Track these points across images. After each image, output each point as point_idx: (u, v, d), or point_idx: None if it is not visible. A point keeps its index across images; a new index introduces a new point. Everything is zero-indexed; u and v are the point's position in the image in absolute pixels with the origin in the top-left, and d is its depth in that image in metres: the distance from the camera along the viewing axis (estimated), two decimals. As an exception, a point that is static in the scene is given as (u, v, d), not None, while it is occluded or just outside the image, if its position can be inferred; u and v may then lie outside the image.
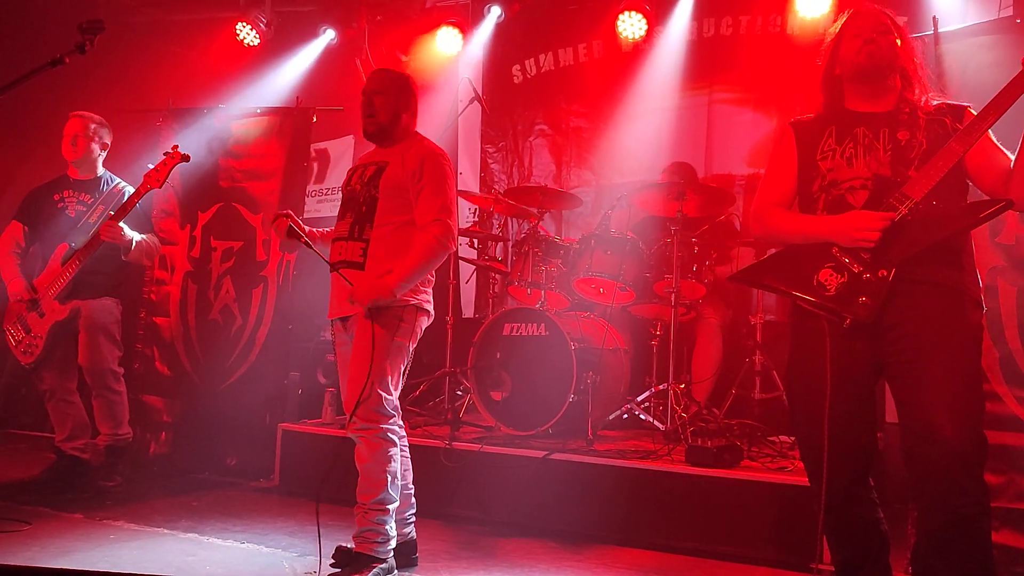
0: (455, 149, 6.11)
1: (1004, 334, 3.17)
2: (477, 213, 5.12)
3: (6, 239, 4.36)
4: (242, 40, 6.04)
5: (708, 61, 5.49)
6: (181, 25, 6.48)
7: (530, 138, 6.13)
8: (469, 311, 6.01)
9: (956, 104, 2.44)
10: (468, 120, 6.13)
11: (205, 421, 4.96)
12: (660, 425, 4.22)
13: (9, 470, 4.63)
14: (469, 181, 6.16)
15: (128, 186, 4.45)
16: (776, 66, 5.16)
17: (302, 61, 6.18)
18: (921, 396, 2.21)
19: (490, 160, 6.24)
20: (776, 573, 3.26)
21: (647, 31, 5.43)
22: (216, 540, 3.45)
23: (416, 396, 4.85)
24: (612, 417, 4.38)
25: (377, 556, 2.91)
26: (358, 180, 3.13)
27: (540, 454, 3.83)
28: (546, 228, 5.04)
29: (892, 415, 2.49)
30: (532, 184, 5.79)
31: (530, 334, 4.25)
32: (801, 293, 2.34)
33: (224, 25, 6.10)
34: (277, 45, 6.17)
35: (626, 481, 3.67)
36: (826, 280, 2.31)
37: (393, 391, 2.99)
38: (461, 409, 4.70)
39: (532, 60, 6.10)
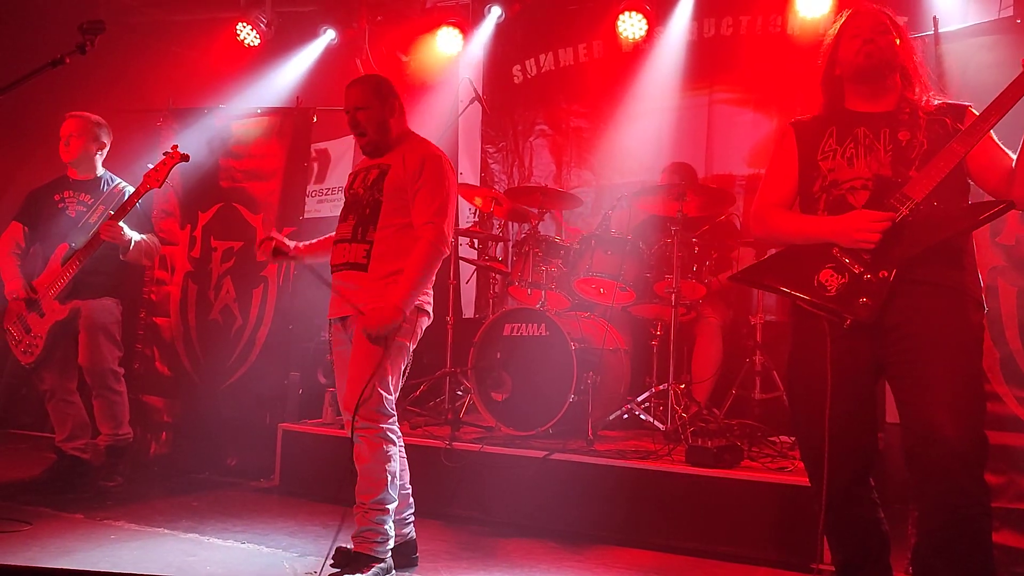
0: (455, 149, 6.10)
1: (1004, 334, 3.18)
2: (477, 213, 5.12)
3: (6, 239, 4.36)
4: (242, 40, 6.05)
5: (708, 61, 5.48)
6: (181, 25, 6.49)
7: (530, 138, 6.13)
8: (469, 311, 6.00)
9: (957, 104, 2.43)
10: (468, 120, 6.13)
11: (205, 421, 4.97)
12: (660, 425, 4.22)
13: (10, 470, 4.63)
14: (469, 181, 6.14)
15: (128, 186, 4.45)
16: (776, 66, 5.16)
17: (302, 61, 6.18)
18: (922, 396, 2.21)
19: (490, 160, 6.24)
20: (777, 573, 3.26)
21: (647, 31, 5.43)
22: (216, 540, 3.46)
23: (416, 396, 4.85)
24: (612, 417, 4.38)
25: (376, 556, 2.91)
26: (361, 184, 3.14)
27: (540, 454, 3.83)
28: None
29: (892, 415, 2.49)
30: (532, 184, 5.79)
31: (530, 334, 4.25)
32: (802, 293, 2.34)
33: (224, 25, 6.10)
34: (277, 45, 6.17)
35: (626, 481, 3.67)
36: (827, 280, 2.31)
37: (393, 391, 3.00)
38: (461, 409, 4.70)
39: (532, 60, 6.10)
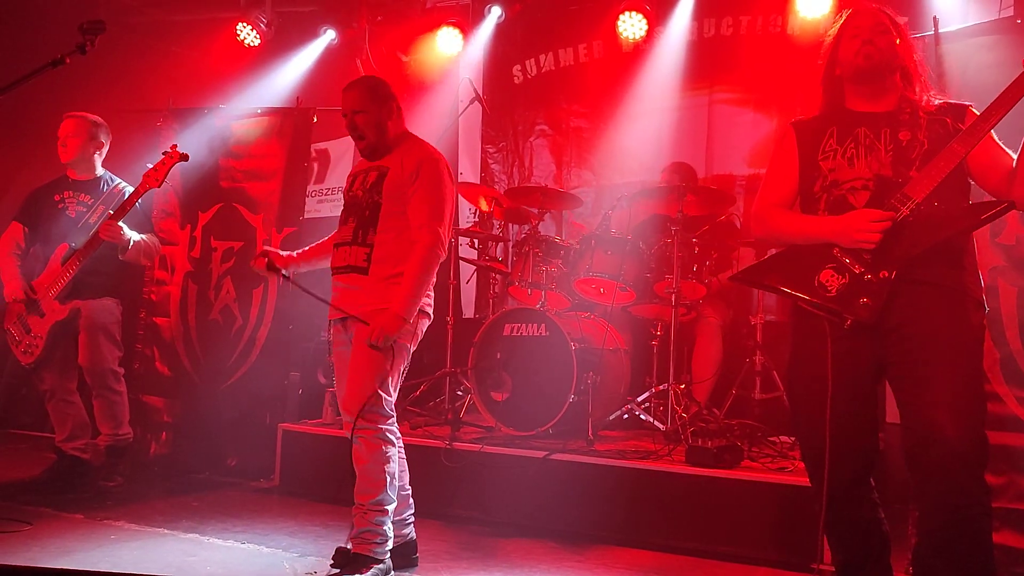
0: (456, 149, 6.11)
1: (1005, 335, 3.17)
2: (477, 213, 5.12)
3: (6, 240, 4.36)
4: (243, 40, 6.05)
5: (708, 61, 5.48)
6: (182, 25, 6.49)
7: (530, 138, 6.13)
8: (469, 311, 6.00)
9: (957, 103, 2.43)
10: (469, 120, 6.13)
11: (205, 421, 4.96)
12: (660, 425, 4.22)
13: (10, 470, 4.63)
14: (470, 181, 6.14)
15: (128, 186, 4.45)
16: (777, 66, 5.16)
17: (303, 61, 6.18)
18: (923, 396, 2.21)
19: (491, 160, 6.24)
20: (777, 573, 3.26)
21: (647, 31, 5.43)
22: (216, 540, 3.45)
23: (416, 396, 4.85)
24: (612, 417, 4.38)
25: (375, 557, 2.91)
26: (360, 186, 3.14)
27: (540, 454, 3.83)
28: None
29: (892, 415, 2.49)
30: (532, 184, 5.79)
31: (530, 334, 4.25)
32: (802, 294, 2.34)
33: (225, 25, 6.10)
34: (278, 45, 6.17)
35: (626, 481, 3.67)
36: (827, 281, 2.31)
37: (393, 392, 3.01)
38: (461, 409, 4.70)
39: (532, 60, 6.09)
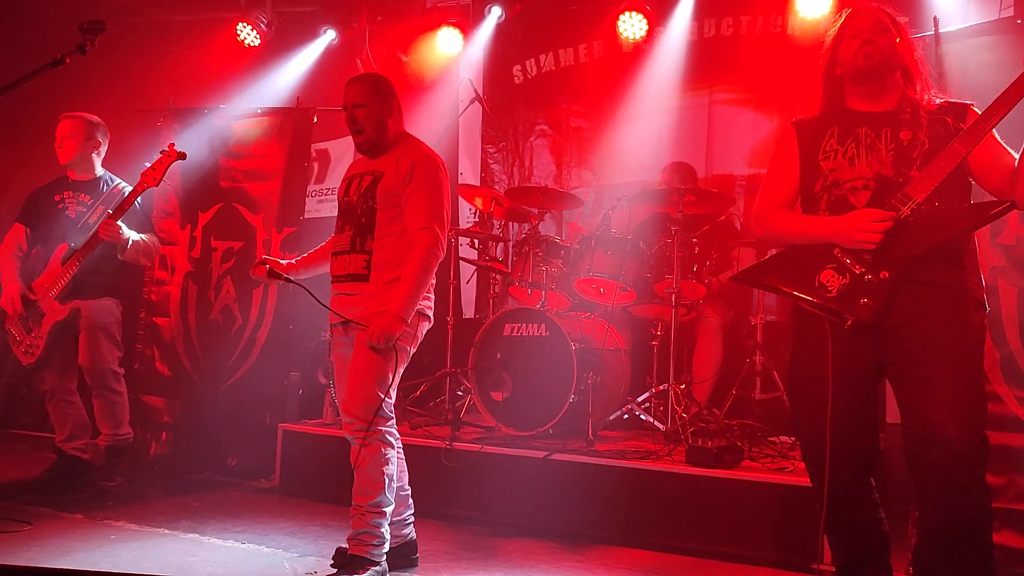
0: (456, 149, 6.11)
1: (1005, 335, 3.17)
2: (477, 214, 5.12)
3: (8, 241, 4.37)
4: (243, 40, 6.05)
5: (709, 61, 5.48)
6: (182, 25, 6.49)
7: (531, 138, 6.13)
8: (470, 311, 6.00)
9: (958, 102, 2.42)
10: (469, 120, 6.13)
11: (206, 421, 4.96)
12: (660, 425, 4.22)
13: (10, 470, 4.63)
14: (470, 181, 6.14)
15: (128, 186, 4.45)
16: (777, 67, 5.16)
17: (303, 61, 6.18)
18: (923, 396, 2.21)
19: (491, 160, 6.24)
20: (777, 573, 3.26)
21: (648, 31, 5.43)
22: (217, 540, 3.45)
23: (417, 397, 4.85)
24: (612, 417, 4.38)
25: (372, 559, 2.90)
26: (355, 191, 3.10)
27: (541, 454, 3.83)
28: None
29: (893, 415, 2.49)
30: (532, 184, 5.79)
31: (531, 334, 4.25)
32: (802, 294, 2.34)
33: (225, 25, 6.10)
34: (278, 45, 6.17)
35: (627, 481, 3.67)
36: (828, 281, 2.30)
37: (392, 394, 3.00)
38: (462, 409, 4.70)
39: (533, 60, 6.10)
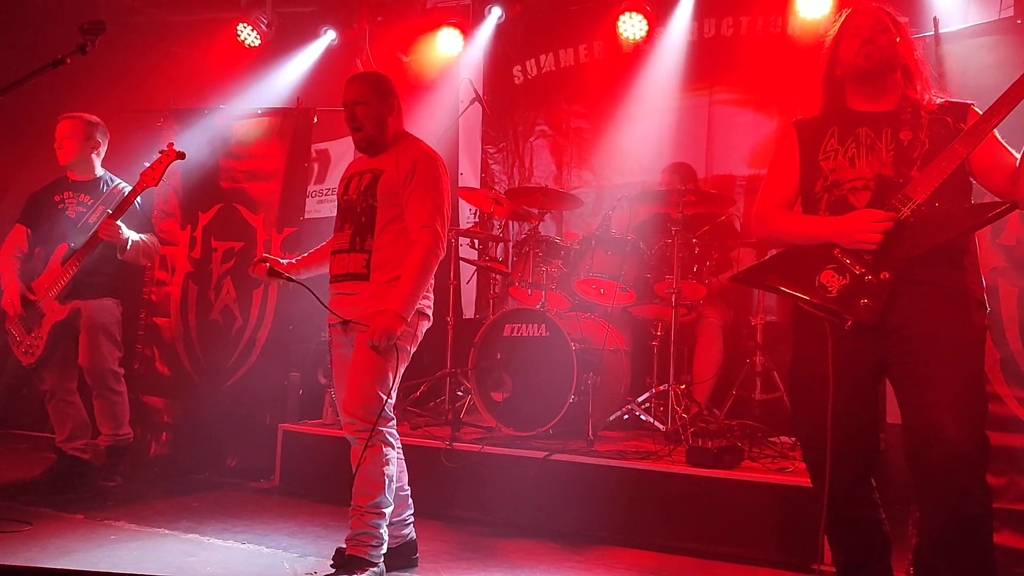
0: (456, 150, 6.11)
1: (1005, 335, 3.17)
2: (478, 214, 5.12)
3: (9, 243, 4.37)
4: (243, 41, 6.05)
5: (709, 62, 5.48)
6: (182, 26, 6.48)
7: (531, 139, 6.13)
8: (470, 312, 6.00)
9: (959, 102, 2.42)
10: (469, 121, 6.13)
11: (206, 422, 4.96)
12: (661, 426, 4.22)
13: (10, 470, 4.63)
14: (470, 182, 6.15)
15: (128, 186, 4.45)
16: (777, 67, 5.16)
17: (303, 62, 6.17)
18: (924, 396, 2.21)
19: (491, 161, 6.24)
20: (777, 574, 3.26)
21: (648, 32, 5.43)
22: (216, 540, 3.45)
23: (417, 397, 4.85)
24: (613, 418, 4.38)
25: (370, 560, 2.90)
26: (355, 189, 3.09)
27: (541, 455, 3.83)
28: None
29: (893, 416, 2.49)
30: (533, 185, 5.79)
31: (531, 335, 4.25)
32: (803, 294, 2.34)
33: (225, 26, 6.10)
34: (278, 46, 6.17)
35: (627, 482, 3.67)
36: (828, 281, 2.30)
37: (393, 394, 3.00)
38: (462, 410, 4.70)
39: (533, 61, 6.10)
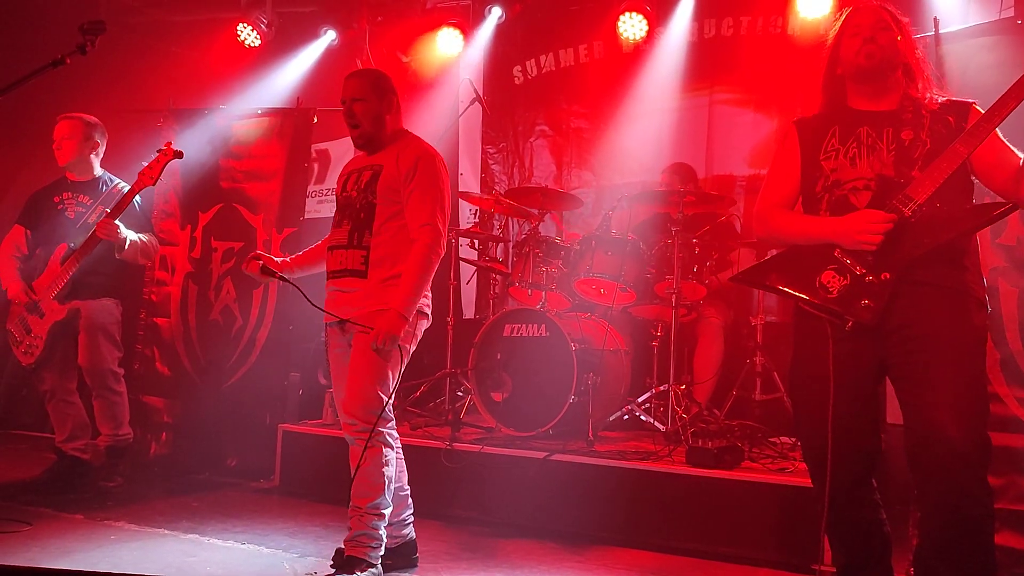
0: (456, 150, 6.11)
1: (1005, 336, 3.17)
2: (478, 214, 5.12)
3: (7, 243, 4.37)
4: (243, 41, 6.05)
5: (709, 62, 5.48)
6: (182, 26, 6.48)
7: (531, 139, 6.13)
8: (470, 312, 6.00)
9: (960, 101, 2.41)
10: (469, 121, 6.13)
11: (206, 422, 4.96)
12: (661, 426, 4.22)
13: (10, 471, 4.63)
14: (470, 182, 6.16)
15: (127, 185, 4.44)
16: (777, 67, 5.16)
17: (303, 62, 6.18)
18: (925, 397, 2.20)
19: (491, 161, 6.24)
20: (777, 574, 3.26)
21: (648, 32, 5.43)
22: (216, 541, 3.45)
23: (417, 397, 4.85)
24: (613, 418, 4.38)
25: (369, 561, 2.90)
26: (354, 186, 3.09)
27: (541, 455, 3.83)
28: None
29: (894, 416, 2.48)
30: (533, 185, 5.79)
31: (531, 335, 4.24)
32: (803, 295, 2.34)
33: (225, 26, 6.10)
34: (278, 46, 6.17)
35: (627, 482, 3.66)
36: (828, 282, 2.30)
37: (392, 394, 2.99)
38: (462, 410, 4.70)
39: (533, 61, 6.10)
